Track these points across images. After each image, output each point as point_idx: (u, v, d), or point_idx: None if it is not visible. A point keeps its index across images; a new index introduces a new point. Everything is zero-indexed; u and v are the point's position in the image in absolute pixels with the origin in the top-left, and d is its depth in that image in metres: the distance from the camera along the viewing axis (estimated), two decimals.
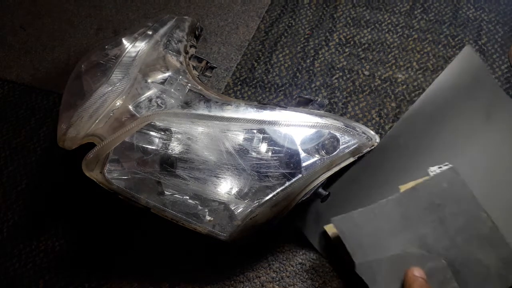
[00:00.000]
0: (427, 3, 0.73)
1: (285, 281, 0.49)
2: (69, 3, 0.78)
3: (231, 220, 0.46)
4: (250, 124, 0.47)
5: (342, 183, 0.54)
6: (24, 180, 0.59)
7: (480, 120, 0.57)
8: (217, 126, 0.47)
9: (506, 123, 0.57)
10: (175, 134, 0.46)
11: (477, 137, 0.56)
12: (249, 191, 0.46)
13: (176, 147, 0.46)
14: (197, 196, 0.46)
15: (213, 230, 0.46)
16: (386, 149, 0.56)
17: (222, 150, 0.46)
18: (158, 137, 0.47)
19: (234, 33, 0.72)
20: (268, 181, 0.46)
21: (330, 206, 0.53)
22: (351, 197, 0.54)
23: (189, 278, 0.50)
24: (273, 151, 0.47)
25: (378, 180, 0.55)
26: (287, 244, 0.51)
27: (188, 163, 0.46)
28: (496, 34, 0.68)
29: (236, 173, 0.46)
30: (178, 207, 0.46)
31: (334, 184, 0.54)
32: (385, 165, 0.55)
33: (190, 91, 0.49)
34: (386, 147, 0.56)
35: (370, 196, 0.52)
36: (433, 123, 0.58)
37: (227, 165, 0.46)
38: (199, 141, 0.46)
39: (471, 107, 0.59)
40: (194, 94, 0.49)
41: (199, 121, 0.47)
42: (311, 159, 0.47)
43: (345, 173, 0.55)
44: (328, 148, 0.47)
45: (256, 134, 0.47)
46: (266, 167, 0.46)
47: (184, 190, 0.46)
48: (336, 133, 0.48)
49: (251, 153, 0.47)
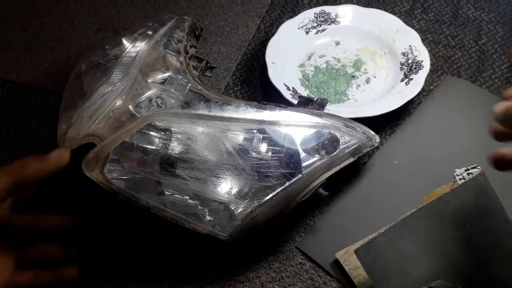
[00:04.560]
0: (427, 3, 0.73)
1: (285, 281, 0.49)
2: (69, 3, 0.78)
3: (231, 220, 0.46)
4: (250, 124, 0.47)
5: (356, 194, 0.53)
6: None
7: (482, 126, 0.55)
8: (217, 126, 0.47)
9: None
10: (175, 134, 0.46)
11: (481, 141, 0.52)
12: (249, 191, 0.46)
13: (176, 147, 0.46)
14: (197, 196, 0.46)
15: (213, 230, 0.45)
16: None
17: (222, 150, 0.46)
18: (158, 137, 0.47)
19: (234, 33, 0.72)
20: (268, 181, 0.46)
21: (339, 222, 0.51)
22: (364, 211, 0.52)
23: (189, 278, 0.50)
24: (273, 151, 0.47)
25: (398, 191, 0.53)
26: (287, 244, 0.51)
27: (188, 163, 0.46)
28: (496, 34, 0.68)
29: (236, 173, 0.46)
30: (178, 207, 0.46)
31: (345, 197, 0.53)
32: (406, 171, 0.54)
33: (190, 91, 0.49)
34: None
35: (388, 209, 0.50)
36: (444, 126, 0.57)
37: (227, 165, 0.46)
38: (199, 141, 0.46)
39: (470, 118, 0.58)
40: (194, 94, 0.49)
41: (199, 121, 0.47)
42: (311, 159, 0.47)
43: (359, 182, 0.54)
44: (328, 148, 0.47)
45: (256, 134, 0.47)
46: (266, 167, 0.46)
47: (184, 190, 0.46)
48: (336, 133, 0.48)
49: (251, 153, 0.47)
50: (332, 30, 0.69)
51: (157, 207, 0.45)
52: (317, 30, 0.68)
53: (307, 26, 0.68)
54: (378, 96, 0.61)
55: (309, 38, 0.68)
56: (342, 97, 0.62)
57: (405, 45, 0.65)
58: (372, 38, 0.67)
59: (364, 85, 0.63)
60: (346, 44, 0.68)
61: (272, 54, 0.63)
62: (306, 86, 0.63)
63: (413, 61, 0.63)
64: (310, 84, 0.64)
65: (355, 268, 0.47)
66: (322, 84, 0.63)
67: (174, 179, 0.46)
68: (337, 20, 0.69)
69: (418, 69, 0.61)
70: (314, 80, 0.64)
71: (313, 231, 0.52)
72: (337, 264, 0.48)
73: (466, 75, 0.64)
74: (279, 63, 0.63)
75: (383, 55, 0.66)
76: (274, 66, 0.62)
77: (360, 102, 0.62)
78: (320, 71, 0.65)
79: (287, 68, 0.64)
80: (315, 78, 0.64)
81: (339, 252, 0.49)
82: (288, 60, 0.65)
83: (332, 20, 0.69)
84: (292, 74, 0.64)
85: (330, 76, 0.64)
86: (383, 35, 0.67)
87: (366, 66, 0.65)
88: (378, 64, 0.66)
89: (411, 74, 0.61)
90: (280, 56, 0.64)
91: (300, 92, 0.61)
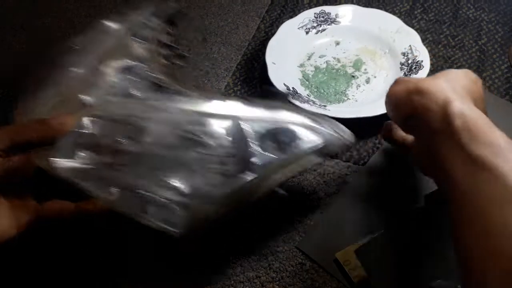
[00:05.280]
0: (427, 3, 0.73)
1: (285, 281, 0.49)
2: (69, 3, 0.78)
3: (180, 215, 0.43)
4: (204, 117, 0.44)
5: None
6: None
7: None
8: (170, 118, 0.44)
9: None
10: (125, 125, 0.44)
11: None
12: (197, 186, 0.44)
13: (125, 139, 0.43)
14: (146, 191, 0.44)
15: (164, 225, 0.43)
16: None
17: (171, 144, 0.44)
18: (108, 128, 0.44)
19: (234, 33, 0.72)
20: (217, 178, 0.43)
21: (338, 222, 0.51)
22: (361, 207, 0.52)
23: (189, 278, 0.50)
24: (224, 146, 0.43)
25: (398, 190, 0.52)
26: (287, 244, 0.51)
27: (137, 156, 0.43)
28: (496, 34, 0.68)
29: (184, 168, 0.43)
30: (128, 202, 0.43)
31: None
32: (406, 171, 0.54)
33: (151, 81, 0.47)
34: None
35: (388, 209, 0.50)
36: None
37: (176, 160, 0.44)
38: (150, 133, 0.44)
39: None
40: (154, 84, 0.47)
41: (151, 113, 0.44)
42: (267, 157, 0.42)
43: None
44: (286, 146, 0.43)
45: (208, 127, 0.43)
46: (217, 163, 0.43)
47: (131, 185, 0.43)
48: (298, 129, 0.43)
49: (202, 148, 0.43)
50: (332, 30, 0.69)
51: (107, 201, 0.43)
52: (317, 30, 0.69)
53: (307, 26, 0.68)
54: (378, 96, 0.61)
55: (309, 38, 0.68)
56: (342, 97, 0.62)
57: (405, 45, 0.65)
58: (372, 38, 0.67)
59: (364, 85, 0.63)
60: (346, 44, 0.68)
61: (272, 54, 0.64)
62: (306, 86, 0.64)
63: (413, 61, 0.63)
64: (310, 84, 0.64)
65: (355, 268, 0.47)
66: (322, 84, 0.63)
67: (122, 173, 0.43)
68: (337, 20, 0.69)
69: (418, 69, 0.62)
70: (314, 80, 0.64)
71: (313, 231, 0.51)
72: (337, 264, 0.48)
73: None
74: (279, 63, 0.63)
75: (383, 55, 0.66)
76: (274, 66, 0.62)
77: (360, 102, 0.61)
78: (320, 71, 0.65)
79: (287, 68, 0.64)
80: (315, 78, 0.64)
81: (339, 252, 0.48)
82: (288, 60, 0.65)
83: (332, 20, 0.69)
84: (292, 74, 0.64)
85: (330, 76, 0.64)
86: (383, 35, 0.67)
87: (366, 66, 0.65)
88: (378, 64, 0.66)
89: (411, 74, 0.62)
90: (280, 56, 0.64)
91: (300, 92, 0.61)
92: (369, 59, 0.66)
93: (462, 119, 0.34)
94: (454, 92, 0.36)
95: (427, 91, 0.37)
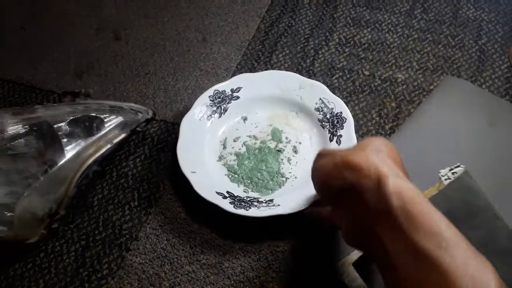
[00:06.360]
0: (427, 3, 0.73)
1: (285, 281, 0.49)
2: (69, 3, 0.78)
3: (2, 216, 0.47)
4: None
5: None
6: None
7: (482, 125, 0.56)
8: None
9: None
10: None
11: (481, 140, 0.55)
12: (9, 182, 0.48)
13: None
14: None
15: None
16: None
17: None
18: None
19: (234, 33, 0.72)
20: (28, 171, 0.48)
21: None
22: None
23: (189, 278, 0.50)
24: (31, 141, 0.50)
25: None
26: (287, 244, 0.51)
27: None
28: (496, 34, 0.68)
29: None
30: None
31: None
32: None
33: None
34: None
35: None
36: (434, 129, 0.57)
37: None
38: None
39: (470, 117, 0.57)
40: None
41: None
42: (74, 142, 0.51)
43: None
44: (92, 129, 0.53)
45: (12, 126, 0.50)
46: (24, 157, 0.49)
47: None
48: (100, 114, 0.53)
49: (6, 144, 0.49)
50: (234, 106, 0.61)
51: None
52: (218, 113, 0.60)
53: (206, 113, 0.60)
54: None
55: (214, 125, 0.60)
56: (280, 179, 0.56)
57: (315, 100, 0.60)
58: (277, 101, 0.61)
59: (294, 156, 0.57)
60: (254, 117, 0.61)
61: (186, 162, 0.55)
62: (237, 180, 0.56)
63: (331, 114, 0.58)
64: (240, 176, 0.56)
65: (355, 279, 0.46)
66: (253, 172, 0.56)
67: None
68: (234, 95, 0.61)
69: (342, 122, 0.57)
70: (241, 170, 0.57)
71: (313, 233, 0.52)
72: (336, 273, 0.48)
73: (466, 75, 0.64)
74: (198, 168, 0.55)
75: (295, 116, 0.60)
76: (196, 176, 0.54)
77: (300, 178, 0.55)
78: (243, 157, 0.58)
79: (209, 169, 0.56)
80: (241, 167, 0.57)
81: (338, 262, 0.48)
82: (204, 159, 0.57)
83: (229, 97, 0.61)
84: (217, 174, 0.56)
85: (256, 159, 0.57)
86: (287, 95, 0.61)
87: (285, 133, 0.59)
88: (295, 127, 0.60)
89: (337, 130, 0.57)
90: (195, 158, 0.56)
91: (233, 191, 0.54)
92: (284, 124, 0.60)
93: (400, 200, 0.32)
94: (384, 165, 0.34)
95: (359, 166, 0.35)
